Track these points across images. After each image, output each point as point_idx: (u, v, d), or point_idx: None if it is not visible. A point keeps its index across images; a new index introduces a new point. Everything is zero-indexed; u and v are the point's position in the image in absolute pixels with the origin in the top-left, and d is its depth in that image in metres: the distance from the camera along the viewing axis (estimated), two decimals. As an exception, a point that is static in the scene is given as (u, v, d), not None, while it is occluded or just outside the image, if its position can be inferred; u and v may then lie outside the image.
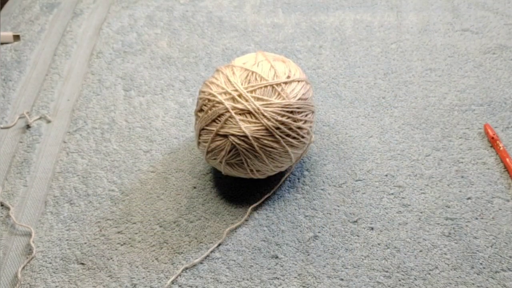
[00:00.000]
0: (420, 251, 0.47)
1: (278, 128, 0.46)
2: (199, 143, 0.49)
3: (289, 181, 0.54)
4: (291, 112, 0.46)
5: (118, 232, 0.50)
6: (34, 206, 0.53)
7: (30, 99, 0.65)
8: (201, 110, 0.48)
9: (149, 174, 0.55)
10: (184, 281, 0.46)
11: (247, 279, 0.46)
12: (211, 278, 0.46)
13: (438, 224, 0.49)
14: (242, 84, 0.47)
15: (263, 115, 0.45)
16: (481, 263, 0.46)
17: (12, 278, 0.47)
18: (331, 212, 0.51)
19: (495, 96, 0.61)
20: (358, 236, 0.49)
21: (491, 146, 0.55)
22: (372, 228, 0.49)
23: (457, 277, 0.45)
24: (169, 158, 0.57)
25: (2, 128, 0.61)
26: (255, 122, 0.45)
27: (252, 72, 0.47)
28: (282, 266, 0.47)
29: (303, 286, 0.46)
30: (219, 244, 0.49)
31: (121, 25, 0.75)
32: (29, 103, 0.64)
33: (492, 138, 0.55)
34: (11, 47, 0.72)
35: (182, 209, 0.52)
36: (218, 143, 0.47)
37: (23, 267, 0.48)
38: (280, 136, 0.46)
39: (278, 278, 0.46)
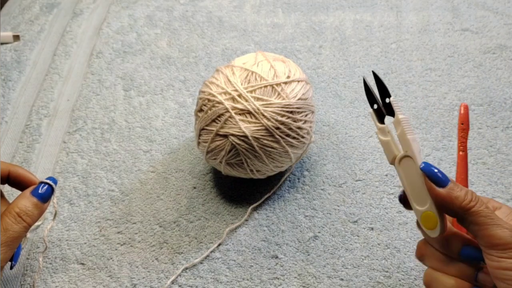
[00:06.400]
0: (420, 251, 0.47)
1: (278, 128, 0.46)
2: (199, 143, 0.49)
3: (289, 181, 0.54)
4: (291, 112, 0.46)
5: (118, 232, 0.50)
6: (34, 206, 0.53)
7: (30, 99, 0.65)
8: (201, 110, 0.48)
9: (149, 174, 0.55)
10: (184, 281, 0.46)
11: (247, 279, 0.46)
12: (211, 278, 0.46)
13: (438, 224, 0.49)
14: (242, 84, 0.47)
15: (263, 115, 0.45)
16: (481, 263, 0.46)
17: (13, 279, 0.47)
18: (331, 212, 0.51)
19: (495, 96, 0.61)
20: (358, 236, 0.49)
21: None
22: (372, 228, 0.49)
23: (457, 277, 0.45)
24: (169, 158, 0.57)
25: (2, 128, 0.61)
26: (255, 122, 0.45)
27: (252, 72, 0.47)
28: (282, 266, 0.47)
29: (303, 286, 0.46)
30: (219, 244, 0.49)
31: (121, 25, 0.75)
32: (29, 103, 0.64)
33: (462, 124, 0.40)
34: (11, 47, 0.72)
35: (182, 209, 0.52)
36: (218, 143, 0.47)
37: (24, 268, 0.48)
38: (280, 136, 0.46)
39: (278, 278, 0.46)
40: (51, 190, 0.42)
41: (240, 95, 0.46)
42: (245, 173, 0.49)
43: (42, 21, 0.77)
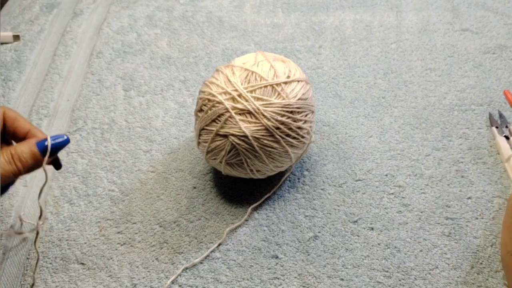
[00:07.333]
0: (420, 251, 0.47)
1: (278, 128, 0.46)
2: (199, 143, 0.49)
3: (289, 181, 0.54)
4: (291, 112, 0.46)
5: (118, 232, 0.50)
6: (34, 206, 0.53)
7: (30, 99, 0.65)
8: (201, 110, 0.48)
9: (149, 174, 0.55)
10: (184, 281, 0.46)
11: (247, 279, 0.46)
12: (211, 278, 0.46)
13: (438, 223, 0.49)
14: (242, 84, 0.47)
15: (263, 115, 0.45)
16: (481, 263, 0.46)
17: (13, 279, 0.47)
18: (331, 212, 0.51)
19: (495, 96, 0.61)
20: (358, 236, 0.49)
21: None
22: (372, 228, 0.49)
23: (457, 277, 0.45)
24: (169, 158, 0.57)
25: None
26: (255, 122, 0.45)
27: (252, 72, 0.47)
28: (282, 266, 0.47)
29: (303, 286, 0.46)
30: (219, 244, 0.49)
31: (121, 25, 0.75)
32: (29, 103, 0.64)
33: None
34: (11, 47, 0.72)
35: (182, 209, 0.52)
36: (218, 143, 0.47)
37: (24, 268, 0.48)
38: (280, 136, 0.46)
39: (278, 278, 0.46)
40: (56, 148, 0.40)
41: (240, 95, 0.46)
42: (245, 173, 0.49)
43: (42, 21, 0.77)
